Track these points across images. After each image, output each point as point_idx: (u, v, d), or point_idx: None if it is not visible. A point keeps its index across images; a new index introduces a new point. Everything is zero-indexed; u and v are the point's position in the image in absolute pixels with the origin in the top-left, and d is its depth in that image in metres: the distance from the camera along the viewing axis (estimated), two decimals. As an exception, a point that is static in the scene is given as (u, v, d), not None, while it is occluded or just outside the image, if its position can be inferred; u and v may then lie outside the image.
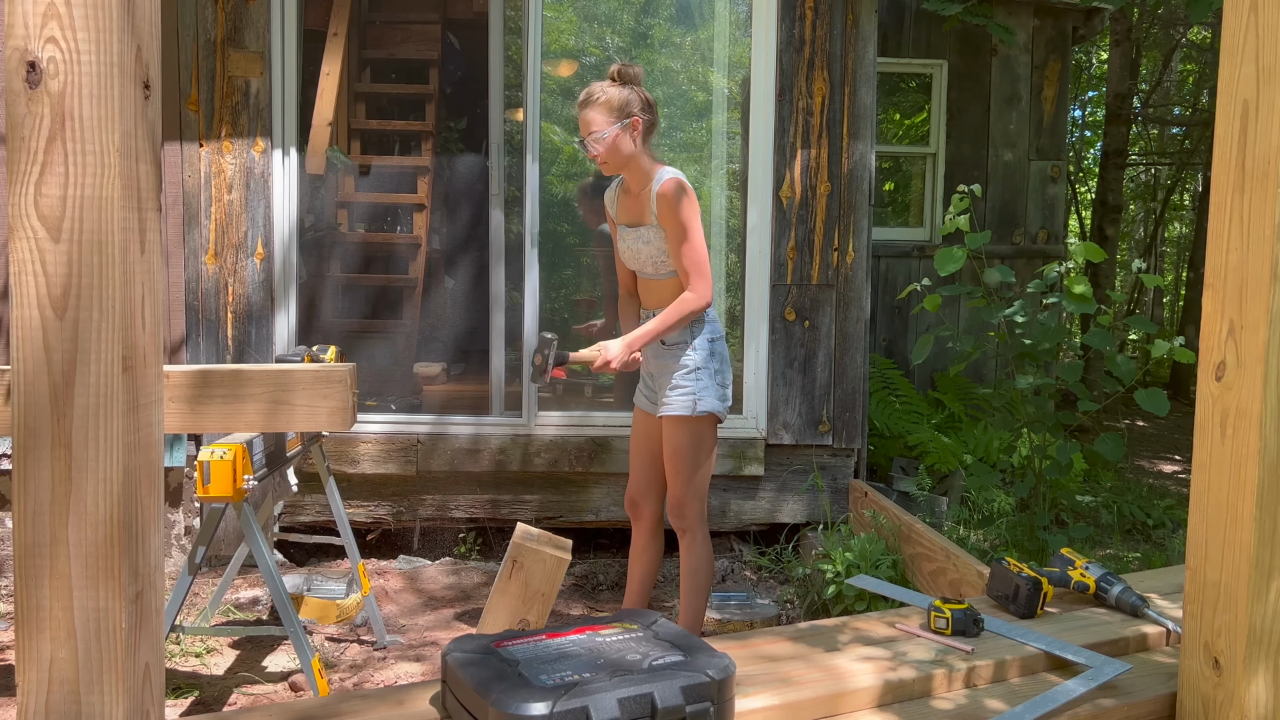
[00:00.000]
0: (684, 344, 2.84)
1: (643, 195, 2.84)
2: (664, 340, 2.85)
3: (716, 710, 1.50)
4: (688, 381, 2.82)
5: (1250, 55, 1.59)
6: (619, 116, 2.78)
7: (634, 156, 2.82)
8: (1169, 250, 15.35)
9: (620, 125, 2.77)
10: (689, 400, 2.81)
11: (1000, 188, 6.45)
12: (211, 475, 2.39)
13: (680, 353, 2.84)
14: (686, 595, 2.91)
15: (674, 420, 2.83)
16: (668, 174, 2.79)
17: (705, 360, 2.84)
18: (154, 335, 1.34)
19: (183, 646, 3.08)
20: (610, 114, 2.78)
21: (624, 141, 2.79)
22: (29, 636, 1.26)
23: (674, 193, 2.75)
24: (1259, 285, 1.59)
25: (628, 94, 2.79)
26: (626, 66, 2.85)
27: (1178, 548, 4.24)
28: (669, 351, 2.86)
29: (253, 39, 3.87)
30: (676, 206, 2.75)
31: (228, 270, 3.93)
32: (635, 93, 2.81)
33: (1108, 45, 9.53)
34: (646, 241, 2.83)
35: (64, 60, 1.22)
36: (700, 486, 2.87)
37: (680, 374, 2.83)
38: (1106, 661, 1.87)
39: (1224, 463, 1.65)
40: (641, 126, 2.81)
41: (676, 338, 2.85)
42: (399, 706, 1.64)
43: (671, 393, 2.84)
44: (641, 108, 2.81)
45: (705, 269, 2.79)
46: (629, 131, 2.79)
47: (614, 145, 2.79)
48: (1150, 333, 3.69)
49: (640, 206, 2.86)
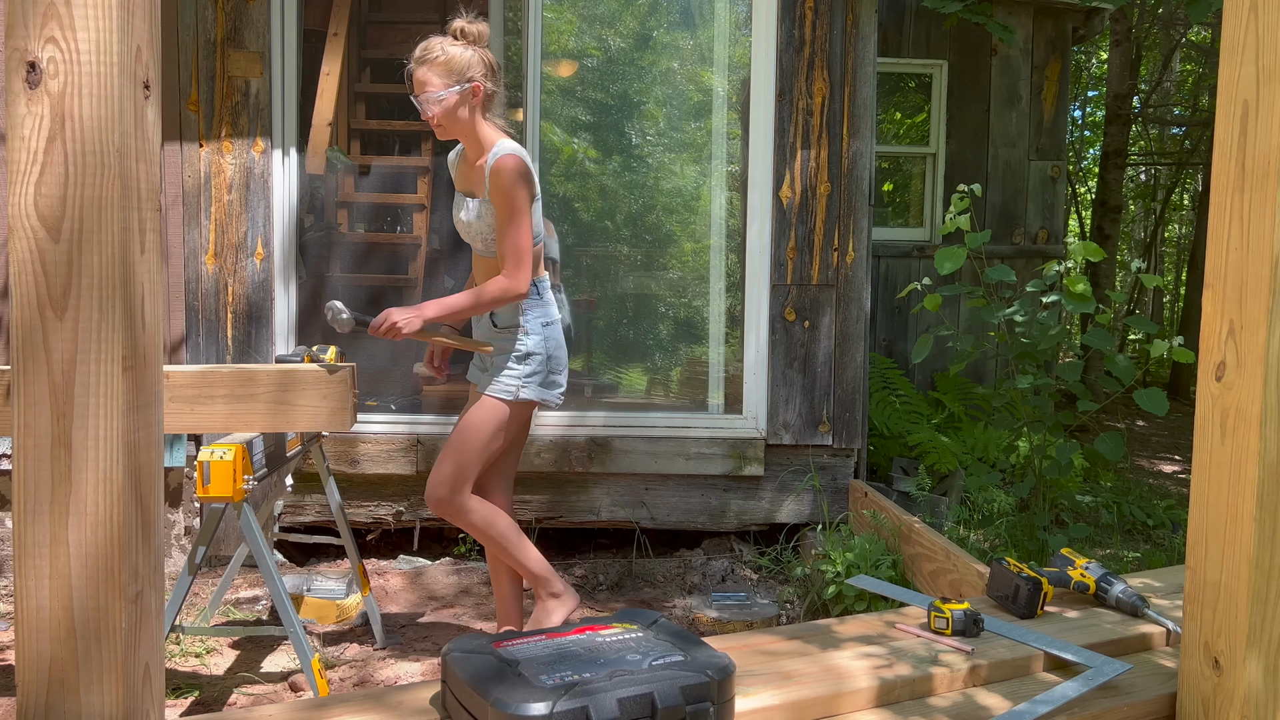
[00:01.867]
0: (515, 327, 2.73)
1: (479, 167, 2.68)
2: (495, 322, 2.74)
3: (716, 710, 1.50)
4: (516, 366, 2.71)
5: (1250, 55, 1.59)
6: (458, 79, 2.59)
7: (472, 125, 2.65)
8: (1169, 250, 15.35)
9: (459, 89, 2.59)
10: (511, 385, 2.70)
11: (1000, 188, 6.46)
12: (211, 475, 2.39)
13: (513, 336, 2.73)
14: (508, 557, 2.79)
15: (490, 400, 2.71)
16: (506, 148, 2.61)
17: (538, 345, 2.73)
18: (154, 335, 1.34)
19: (183, 646, 3.08)
20: (449, 75, 2.59)
21: (461, 108, 2.61)
22: (29, 636, 1.26)
23: (509, 170, 2.57)
24: (1259, 285, 1.59)
25: (470, 55, 2.60)
26: (471, 23, 2.65)
27: (1178, 548, 4.24)
28: (501, 335, 2.75)
29: (253, 39, 3.87)
30: (509, 186, 2.58)
31: (228, 270, 3.93)
32: (479, 54, 2.62)
33: (1108, 45, 9.53)
34: (478, 216, 2.70)
35: (64, 60, 1.22)
36: (476, 467, 2.74)
37: (510, 357, 2.72)
38: (1106, 661, 1.87)
39: (1224, 463, 1.65)
40: (483, 94, 2.63)
41: (508, 320, 2.73)
42: (399, 706, 1.64)
43: (497, 373, 2.72)
44: (484, 73, 2.63)
45: (525, 258, 2.63)
46: (468, 97, 2.61)
47: (450, 110, 2.60)
48: (1150, 332, 3.69)
49: (476, 177, 2.70)
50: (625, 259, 4.47)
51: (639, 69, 4.48)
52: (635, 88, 4.48)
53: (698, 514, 4.11)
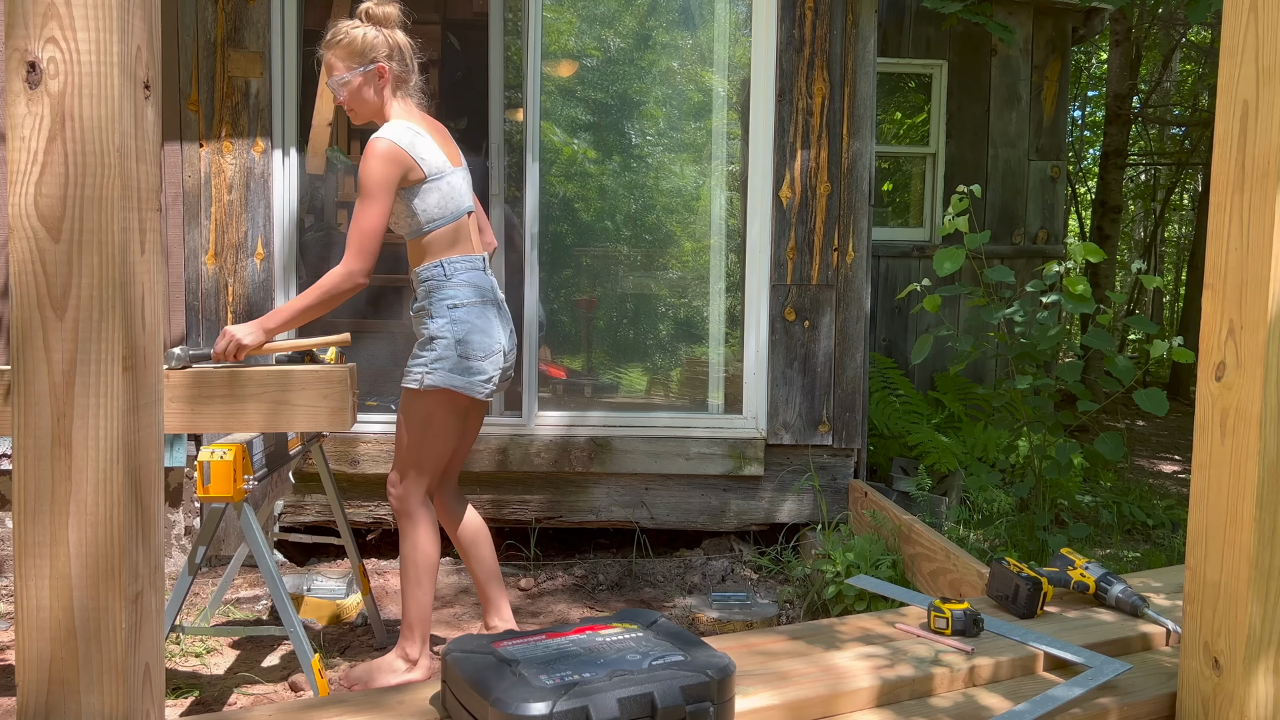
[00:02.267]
0: (423, 310, 2.64)
1: None
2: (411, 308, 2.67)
3: (716, 710, 1.50)
4: (422, 353, 2.61)
5: (1250, 55, 1.59)
6: (361, 61, 2.54)
7: (380, 106, 2.59)
8: (1169, 250, 15.35)
9: (361, 70, 2.54)
10: (418, 373, 2.60)
11: (1000, 188, 6.46)
12: (211, 475, 2.39)
13: (420, 320, 2.65)
14: (404, 587, 2.71)
15: (404, 392, 2.64)
16: (387, 130, 2.53)
17: (444, 329, 2.60)
18: (154, 335, 1.34)
19: (183, 646, 3.08)
20: (351, 58, 2.54)
21: (368, 92, 2.56)
22: (29, 636, 1.26)
23: (371, 151, 2.49)
24: (1259, 285, 1.59)
25: (374, 37, 2.55)
26: (379, 5, 2.59)
27: (1178, 548, 4.24)
28: (414, 319, 2.67)
29: (253, 39, 3.87)
30: (366, 165, 2.48)
31: (228, 270, 3.93)
32: (384, 36, 2.57)
33: (1108, 45, 9.53)
34: None
35: (64, 60, 1.22)
36: (422, 466, 2.65)
37: (418, 344, 2.64)
38: (1106, 661, 1.87)
39: (1224, 463, 1.65)
40: (389, 75, 2.58)
41: (418, 303, 2.65)
42: (399, 706, 1.64)
43: (410, 362, 2.64)
44: (389, 54, 2.57)
45: (366, 244, 2.50)
46: (372, 79, 2.55)
47: (357, 93, 2.55)
48: (1150, 333, 3.69)
49: None
50: (625, 259, 4.47)
51: (639, 69, 4.48)
52: (635, 88, 4.48)
53: (698, 514, 4.11)
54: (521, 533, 4.16)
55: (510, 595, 3.74)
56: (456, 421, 2.68)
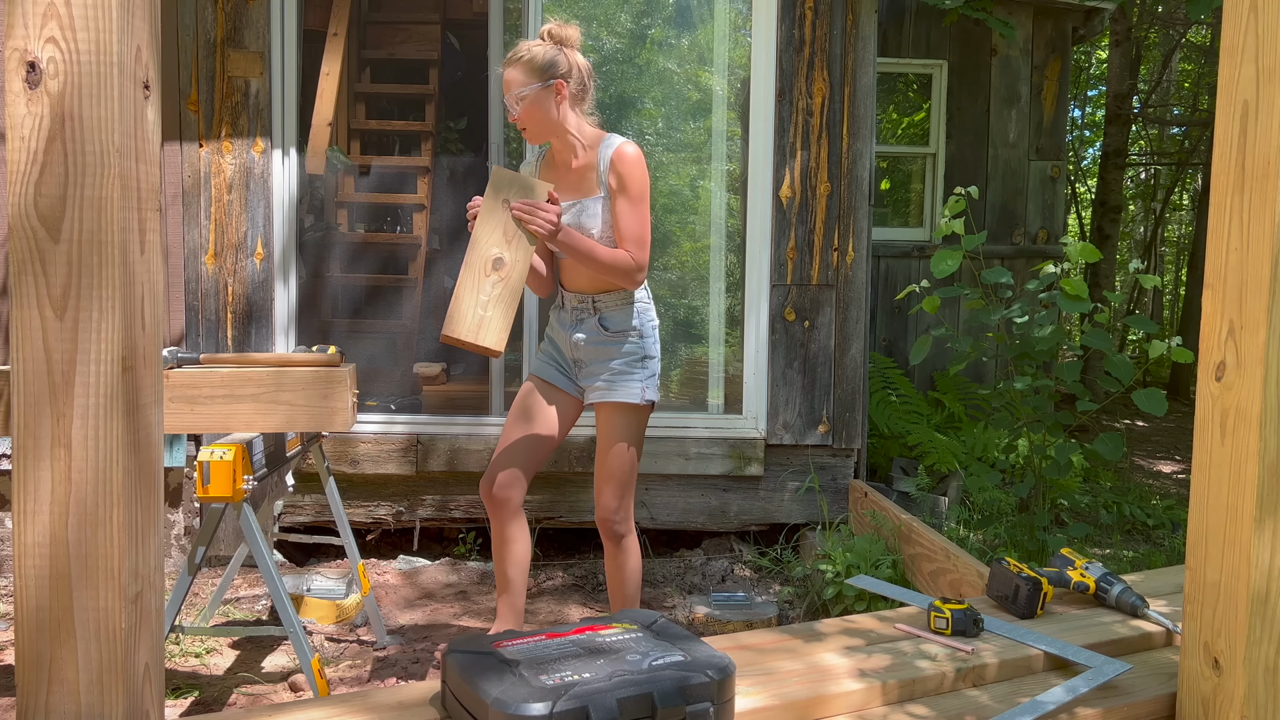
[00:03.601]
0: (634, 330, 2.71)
1: (584, 164, 2.65)
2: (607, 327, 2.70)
3: (716, 710, 1.50)
4: (634, 369, 2.69)
5: (1250, 55, 1.59)
6: (541, 77, 2.57)
7: (559, 123, 2.62)
8: (1169, 250, 15.36)
9: (541, 86, 2.57)
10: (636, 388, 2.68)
11: (1000, 188, 6.46)
12: (211, 475, 2.39)
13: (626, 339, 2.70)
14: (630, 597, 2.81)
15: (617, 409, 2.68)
16: (620, 139, 2.62)
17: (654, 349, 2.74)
18: (154, 335, 1.34)
19: (183, 646, 3.08)
20: (531, 74, 2.57)
21: (546, 104, 2.58)
22: (29, 636, 1.26)
23: (635, 156, 2.59)
24: (1259, 285, 1.59)
25: (554, 54, 2.59)
26: (560, 26, 2.65)
27: (1178, 548, 4.24)
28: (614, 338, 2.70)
29: (253, 39, 3.87)
30: (637, 169, 2.58)
31: (227, 270, 3.93)
32: (564, 54, 2.61)
33: (1108, 45, 9.53)
34: (590, 214, 2.63)
35: (64, 60, 1.22)
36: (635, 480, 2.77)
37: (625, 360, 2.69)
38: (1106, 661, 1.87)
39: (1224, 463, 1.65)
40: (568, 91, 2.61)
41: (624, 324, 2.70)
42: (399, 706, 1.64)
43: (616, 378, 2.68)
44: (568, 70, 2.61)
45: (648, 245, 2.62)
46: (552, 94, 2.58)
47: (534, 107, 2.58)
48: (1150, 332, 3.69)
49: (579, 177, 2.66)
50: (625, 259, 4.47)
51: (639, 69, 4.48)
52: (635, 87, 4.48)
53: (698, 514, 4.11)
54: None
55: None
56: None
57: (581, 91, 2.66)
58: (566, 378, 2.80)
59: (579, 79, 2.65)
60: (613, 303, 2.71)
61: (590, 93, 2.72)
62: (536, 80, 2.57)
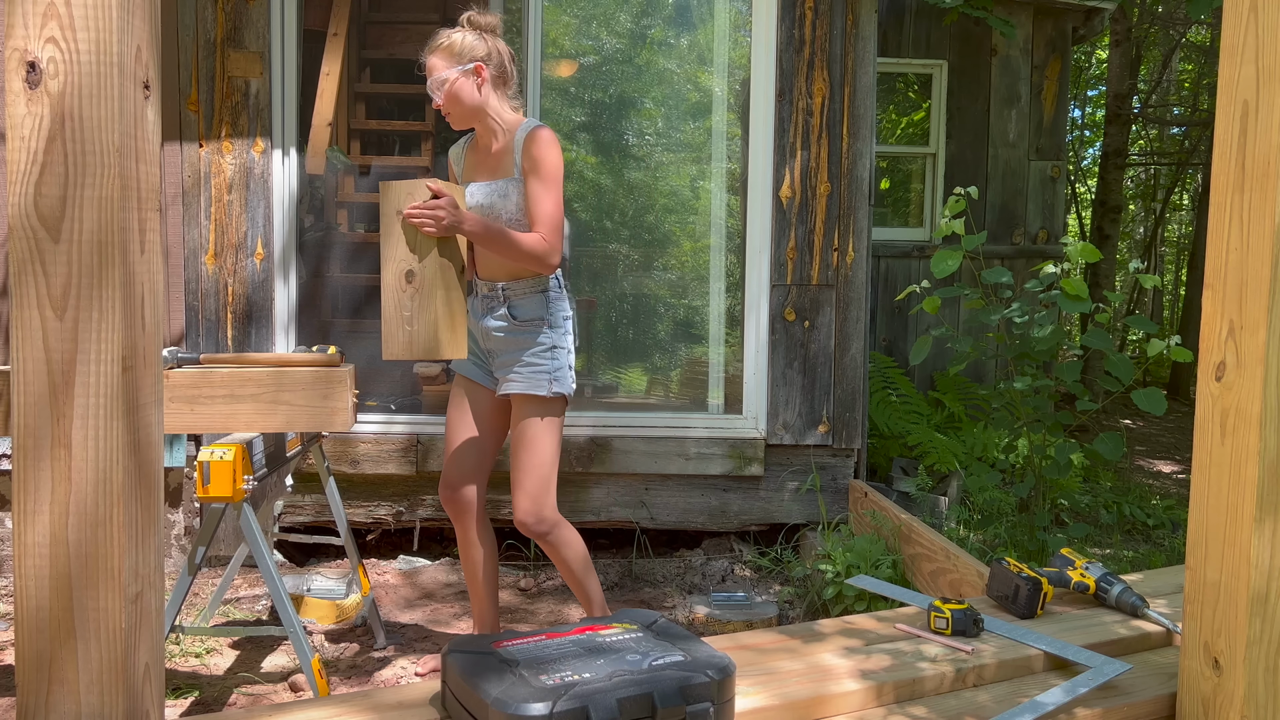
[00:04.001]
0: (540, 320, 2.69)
1: (501, 148, 2.69)
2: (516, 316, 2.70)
3: (716, 710, 1.50)
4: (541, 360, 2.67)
5: (1250, 55, 1.59)
6: (461, 62, 2.62)
7: (480, 107, 2.66)
8: (1169, 250, 15.36)
9: (460, 69, 2.62)
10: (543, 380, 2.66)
11: (1000, 188, 6.46)
12: (211, 475, 2.39)
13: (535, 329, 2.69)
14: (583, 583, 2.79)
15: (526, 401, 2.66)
16: (535, 122, 2.66)
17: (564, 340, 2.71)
18: (154, 335, 1.34)
19: (183, 646, 3.08)
20: (451, 59, 2.62)
21: (466, 89, 2.63)
22: (29, 636, 1.26)
23: (547, 138, 2.60)
24: (1259, 285, 1.59)
25: (474, 40, 2.65)
26: (480, 14, 2.70)
27: (1178, 548, 4.24)
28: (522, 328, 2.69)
29: (253, 39, 3.87)
30: (548, 151, 2.59)
31: (227, 270, 3.93)
32: (484, 39, 2.66)
33: (1108, 45, 9.53)
34: (504, 196, 2.65)
35: (64, 60, 1.22)
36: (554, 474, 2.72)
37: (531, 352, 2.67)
38: (1106, 661, 1.87)
39: (1224, 463, 1.65)
40: (488, 74, 2.65)
41: (533, 313, 2.69)
42: (399, 706, 1.64)
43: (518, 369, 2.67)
44: (487, 55, 2.65)
45: (560, 229, 2.62)
46: (471, 78, 2.63)
47: (454, 92, 2.62)
48: (1150, 332, 3.69)
49: (497, 160, 2.70)
50: (625, 259, 4.47)
51: (639, 69, 4.48)
52: (635, 88, 4.48)
53: (698, 514, 4.11)
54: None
55: (510, 595, 3.74)
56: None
57: (502, 75, 2.70)
58: (484, 371, 2.80)
59: (499, 63, 2.69)
60: (522, 291, 2.70)
61: (512, 77, 2.76)
62: (456, 65, 2.62)
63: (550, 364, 2.67)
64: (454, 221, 2.46)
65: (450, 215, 2.46)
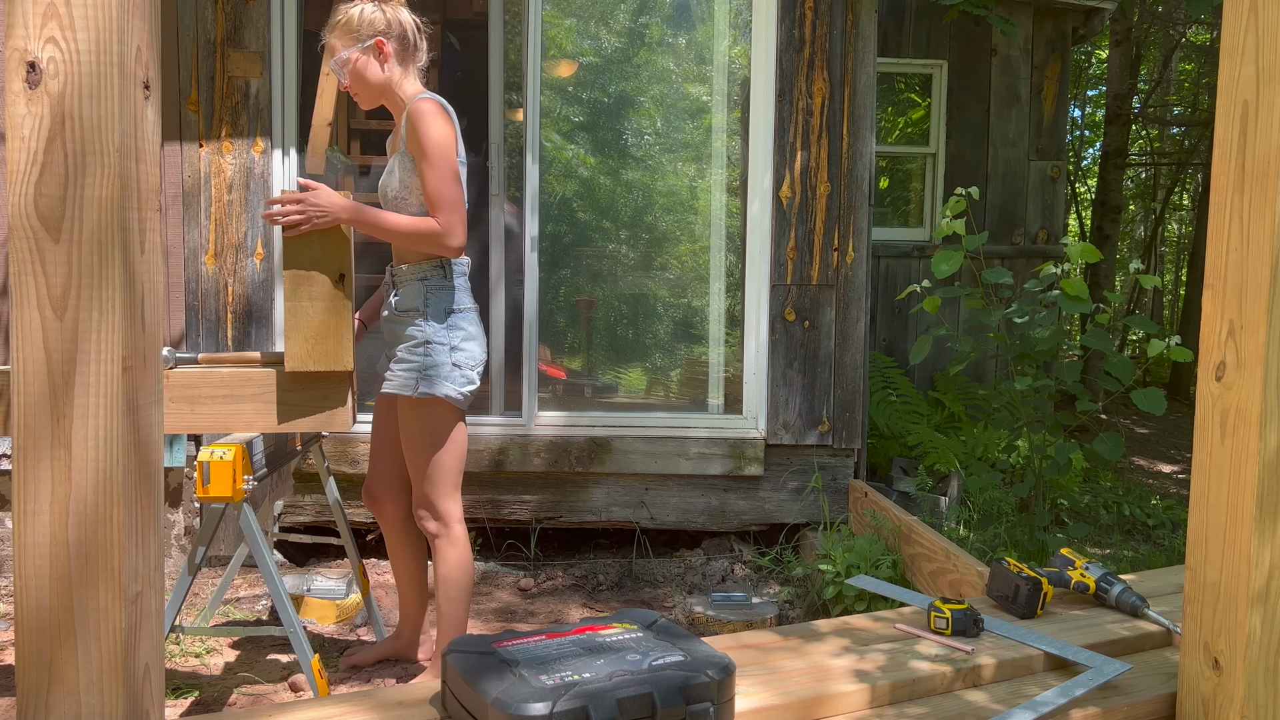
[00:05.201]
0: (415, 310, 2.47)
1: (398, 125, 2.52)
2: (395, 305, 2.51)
3: (716, 710, 1.50)
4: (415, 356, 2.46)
5: (1250, 55, 1.59)
6: (360, 39, 2.44)
7: (385, 84, 2.48)
8: (1169, 250, 15.36)
9: (360, 48, 2.44)
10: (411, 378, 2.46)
11: (1000, 188, 6.46)
12: (211, 475, 2.39)
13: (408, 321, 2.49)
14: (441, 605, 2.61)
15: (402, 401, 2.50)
16: (422, 95, 2.44)
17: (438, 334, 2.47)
18: (154, 335, 1.34)
19: (183, 646, 3.08)
20: (349, 36, 2.44)
21: (369, 68, 2.45)
22: (29, 636, 1.26)
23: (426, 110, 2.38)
24: (1259, 285, 1.59)
25: (371, 14, 2.46)
26: None
27: (1178, 548, 4.24)
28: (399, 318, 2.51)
29: (253, 39, 3.87)
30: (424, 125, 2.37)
31: (227, 270, 3.93)
32: (381, 12, 2.47)
33: (1108, 45, 9.53)
34: (390, 173, 2.49)
35: (64, 60, 1.22)
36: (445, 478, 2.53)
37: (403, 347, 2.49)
38: (1106, 661, 1.87)
39: (1224, 463, 1.65)
40: (390, 49, 2.46)
41: (409, 302, 2.48)
42: (399, 706, 1.64)
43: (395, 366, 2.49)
44: (387, 28, 2.46)
45: (458, 206, 2.38)
46: (373, 55, 2.45)
47: (357, 72, 2.45)
48: (1150, 332, 3.69)
49: (396, 138, 2.53)
50: (625, 259, 4.47)
51: (638, 69, 4.48)
52: (634, 87, 4.48)
53: (698, 514, 4.11)
54: (521, 533, 4.16)
55: (510, 595, 3.74)
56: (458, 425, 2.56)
57: (406, 49, 2.53)
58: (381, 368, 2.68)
59: (400, 34, 2.51)
60: (405, 276, 2.52)
61: (418, 49, 2.57)
62: (355, 42, 2.45)
63: (421, 360, 2.46)
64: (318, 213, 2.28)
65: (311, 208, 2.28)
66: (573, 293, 4.47)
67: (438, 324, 2.48)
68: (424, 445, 2.52)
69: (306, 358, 2.36)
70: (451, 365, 2.48)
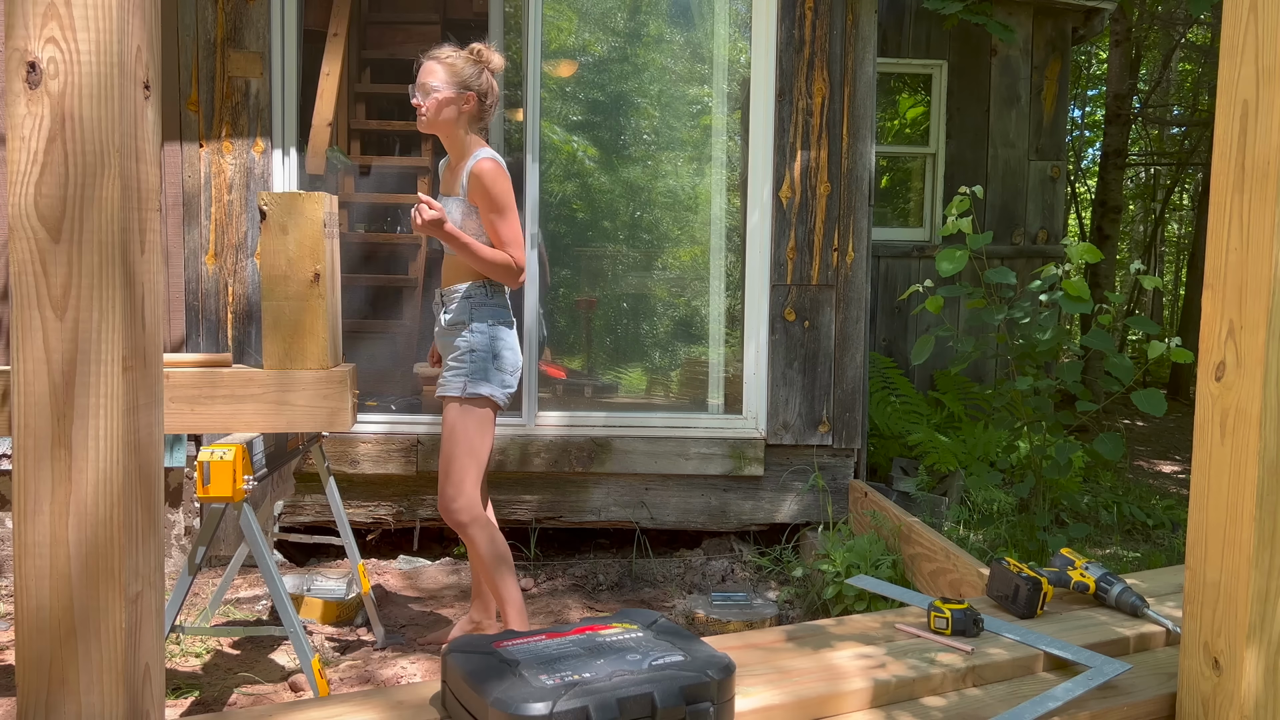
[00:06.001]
0: (461, 324, 2.87)
1: (459, 169, 2.90)
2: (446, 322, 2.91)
3: (716, 710, 1.50)
4: (462, 363, 2.84)
5: (1250, 55, 1.59)
6: (459, 86, 2.83)
7: (453, 127, 2.87)
8: (1169, 250, 15.36)
9: (454, 91, 2.82)
10: (459, 381, 2.83)
11: (1000, 188, 6.46)
12: (211, 475, 2.39)
13: (457, 333, 2.87)
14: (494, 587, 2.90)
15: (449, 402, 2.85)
16: (485, 154, 2.84)
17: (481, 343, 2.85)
18: (154, 335, 1.34)
19: (183, 646, 3.08)
20: (451, 74, 2.82)
21: (448, 109, 2.83)
22: (29, 636, 1.26)
23: (490, 170, 2.80)
24: (1259, 285, 1.59)
25: (476, 71, 2.86)
26: (490, 50, 2.90)
27: (1178, 548, 4.24)
28: (449, 332, 2.90)
29: (253, 39, 3.87)
30: (491, 183, 2.80)
31: (228, 270, 3.93)
32: (486, 76, 2.88)
33: (1108, 45, 9.53)
34: (448, 211, 2.86)
35: (64, 60, 1.22)
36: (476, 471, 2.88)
37: (455, 355, 2.86)
38: (1106, 661, 1.87)
39: (1224, 463, 1.65)
40: (473, 106, 2.86)
41: (457, 318, 2.88)
42: (399, 706, 1.64)
43: (447, 374, 2.87)
44: (480, 88, 2.87)
45: (524, 246, 2.89)
46: (460, 103, 2.84)
47: (440, 106, 2.82)
48: (1150, 333, 3.69)
49: (454, 178, 2.92)
50: (625, 259, 4.47)
51: (638, 68, 4.48)
52: (634, 87, 4.48)
53: (698, 514, 4.11)
54: (521, 533, 4.16)
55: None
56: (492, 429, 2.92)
57: (483, 109, 2.91)
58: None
59: (485, 97, 2.90)
60: (453, 297, 2.91)
61: (491, 114, 2.98)
62: (452, 82, 2.82)
63: (468, 366, 2.83)
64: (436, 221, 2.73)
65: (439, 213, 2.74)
66: (573, 292, 4.47)
67: (481, 335, 2.86)
68: (462, 440, 2.84)
69: (284, 357, 2.49)
70: (494, 370, 2.86)
